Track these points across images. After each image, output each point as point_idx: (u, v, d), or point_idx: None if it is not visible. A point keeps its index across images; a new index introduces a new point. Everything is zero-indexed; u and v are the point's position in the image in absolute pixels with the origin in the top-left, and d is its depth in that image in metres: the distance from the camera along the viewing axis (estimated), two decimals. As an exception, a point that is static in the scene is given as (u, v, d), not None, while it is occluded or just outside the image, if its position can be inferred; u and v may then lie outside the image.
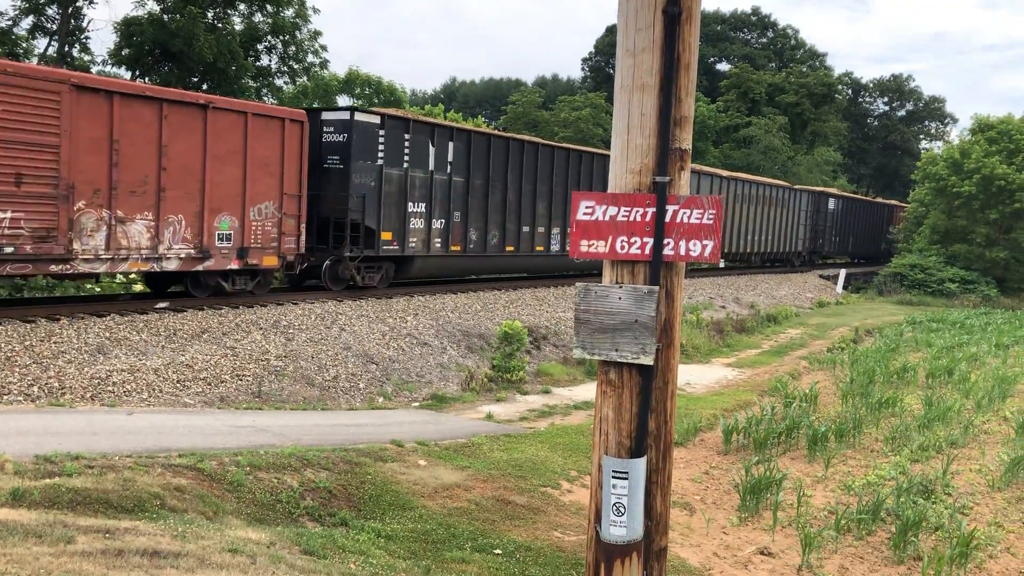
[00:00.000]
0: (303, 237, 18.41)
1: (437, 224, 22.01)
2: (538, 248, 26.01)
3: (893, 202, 63.65)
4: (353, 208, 19.49)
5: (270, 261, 17.76)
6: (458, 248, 22.86)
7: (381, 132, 20.09)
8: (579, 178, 27.61)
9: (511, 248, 24.83)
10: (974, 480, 11.63)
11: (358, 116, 19.66)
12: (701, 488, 11.90)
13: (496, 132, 27.19)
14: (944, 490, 11.17)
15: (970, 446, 13.26)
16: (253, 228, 17.29)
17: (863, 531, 10.18)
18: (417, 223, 21.38)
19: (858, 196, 57.00)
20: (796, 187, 45.67)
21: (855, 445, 13.49)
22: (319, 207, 19.51)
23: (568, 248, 24.74)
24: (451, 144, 22.34)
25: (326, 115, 19.98)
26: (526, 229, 25.41)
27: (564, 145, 28.81)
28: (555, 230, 26.70)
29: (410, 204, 21.09)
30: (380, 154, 20.09)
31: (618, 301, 3.77)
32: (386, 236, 20.52)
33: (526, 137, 27.63)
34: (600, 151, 30.13)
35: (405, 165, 20.86)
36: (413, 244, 21.32)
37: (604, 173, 26.05)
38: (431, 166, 21.69)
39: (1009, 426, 14.27)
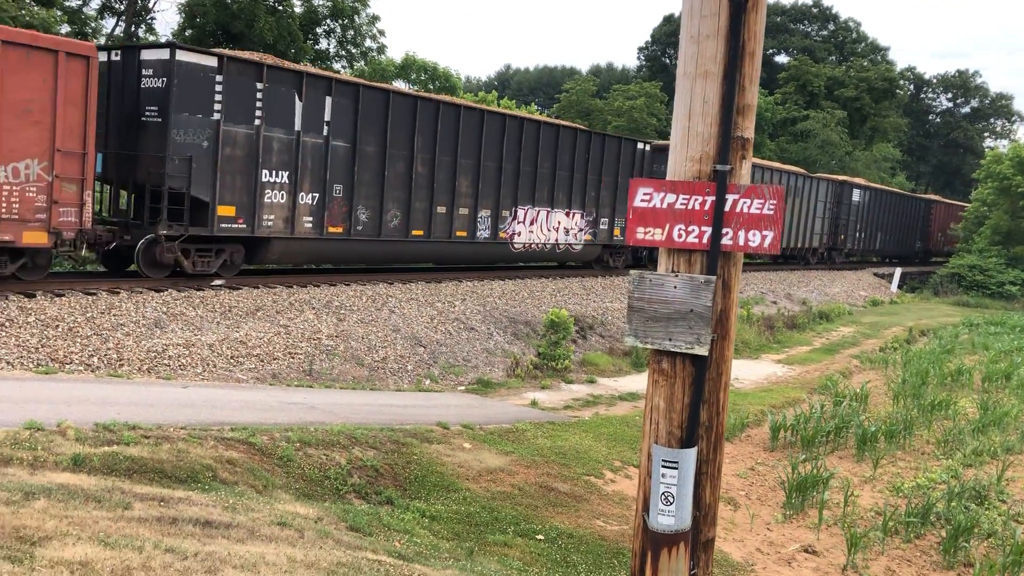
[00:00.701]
0: (89, 208, 14.37)
1: (307, 199, 17.79)
2: (459, 233, 21.66)
3: (930, 196, 59.83)
4: (172, 173, 15.33)
5: (34, 238, 13.74)
6: (339, 229, 18.59)
7: (218, 78, 15.89)
8: (521, 152, 23.27)
9: (419, 232, 20.47)
10: (1029, 487, 11.37)
11: (181, 55, 15.41)
12: (746, 484, 11.81)
13: (402, 90, 23.02)
14: (998, 496, 10.93)
15: (1026, 452, 12.96)
16: (3, 194, 13.35)
17: (911, 534, 10.02)
18: (276, 197, 17.16)
19: (888, 188, 51.11)
20: (813, 175, 40.79)
21: (905, 447, 13.26)
22: (135, 172, 15.84)
23: (501, 234, 22.93)
24: (329, 100, 17.96)
25: (145, 54, 15.78)
26: (441, 210, 20.98)
27: (497, 110, 25.46)
28: (483, 212, 22.33)
29: (265, 172, 16.88)
30: (217, 106, 15.90)
31: (673, 290, 3.75)
32: (225, 211, 16.32)
33: (443, 97, 24.02)
34: (551, 120, 27.22)
35: (257, 122, 16.64)
36: (269, 222, 17.12)
37: (561, 148, 24.72)
38: (298, 126, 17.41)
39: (1068, 434, 13.90)
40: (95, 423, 8.31)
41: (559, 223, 25.09)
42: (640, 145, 28.16)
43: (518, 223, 23.55)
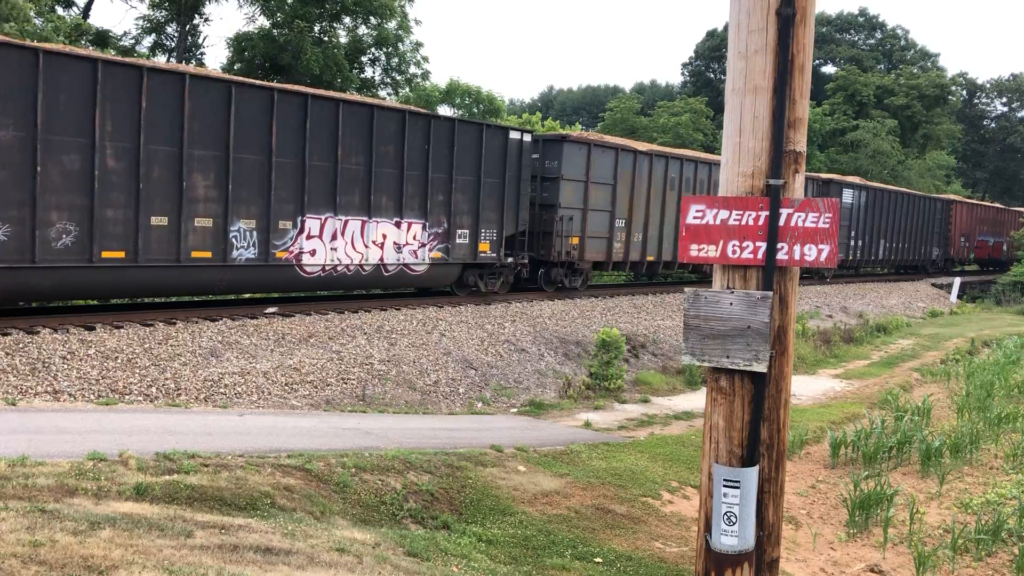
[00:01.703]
0: None
1: None
2: (197, 254, 15.57)
3: (950, 196, 53.21)
4: None
5: None
6: None
7: None
8: (308, 142, 17.05)
9: (116, 253, 14.50)
10: (1105, 501, 10.94)
11: None
12: (807, 502, 11.57)
13: (65, 48, 15.22)
14: (1072, 511, 10.54)
15: (1100, 465, 12.50)
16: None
17: (982, 552, 9.70)
18: None
19: (892, 187, 44.41)
20: None
21: (972, 462, 12.88)
22: None
23: (279, 253, 16.63)
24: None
25: None
26: (159, 221, 14.94)
27: (261, 83, 17.46)
28: (242, 223, 16.17)
29: None
30: None
31: (729, 307, 3.71)
32: None
33: (147, 63, 15.79)
34: (364, 100, 20.32)
35: None
36: None
37: (382, 137, 18.25)
38: None
39: None
40: (156, 452, 8.46)
41: (384, 236, 18.62)
42: (515, 135, 21.72)
43: (309, 238, 17.22)
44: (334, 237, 17.71)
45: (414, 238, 19.38)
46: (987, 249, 53.92)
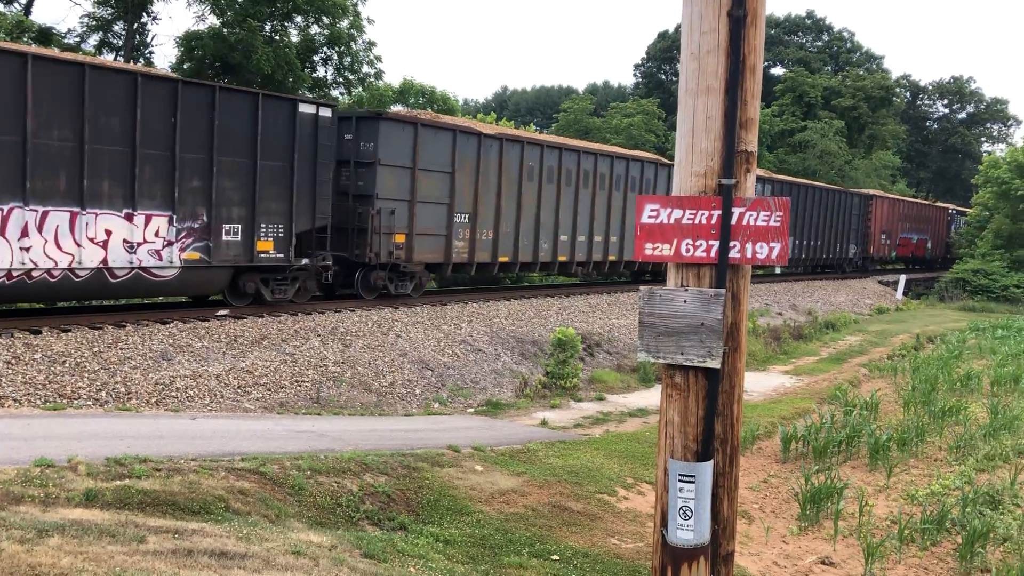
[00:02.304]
0: None
1: None
2: None
3: (870, 191, 49.13)
4: None
5: None
6: None
7: None
8: None
9: None
10: (1044, 491, 11.29)
11: None
12: (760, 496, 11.75)
13: None
14: (1012, 500, 10.86)
15: (1039, 456, 12.88)
16: None
17: (927, 541, 9.95)
18: None
19: (804, 181, 42.14)
20: (671, 163, 30.90)
21: (918, 454, 13.20)
22: None
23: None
24: None
25: None
26: None
27: None
28: None
29: None
30: None
31: (683, 304, 3.76)
32: None
33: None
34: (65, 56, 15.54)
35: None
36: None
37: (99, 105, 14.36)
38: None
39: (1081, 436, 13.82)
40: (106, 458, 8.31)
41: (109, 233, 14.68)
42: (307, 108, 17.72)
43: None
44: (24, 234, 13.65)
45: (156, 235, 15.29)
46: (910, 247, 51.61)
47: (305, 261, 18.05)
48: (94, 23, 33.84)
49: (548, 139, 26.96)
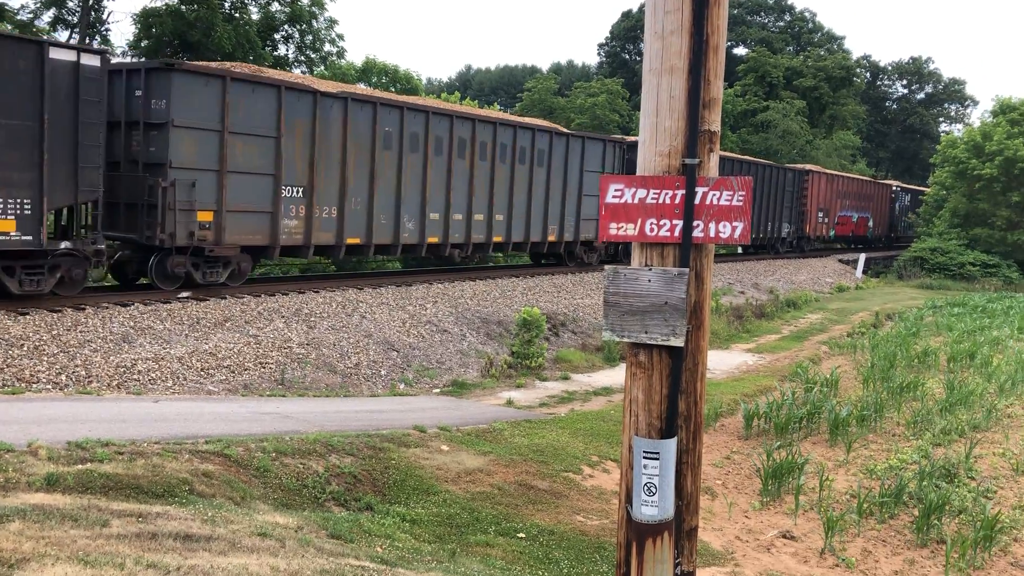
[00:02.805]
0: None
1: None
2: None
3: (806, 166, 45.85)
4: None
5: None
6: None
7: None
8: None
9: None
10: (997, 464, 11.59)
11: None
12: (722, 473, 11.93)
13: None
14: (967, 474, 11.14)
15: (993, 430, 13.20)
16: None
17: (885, 514, 10.18)
18: None
19: (727, 154, 38.92)
20: (569, 132, 28.22)
21: (877, 429, 13.46)
22: None
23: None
24: None
25: None
26: None
27: None
28: None
29: None
30: None
31: (648, 283, 3.79)
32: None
33: None
34: None
35: None
36: None
37: None
38: None
39: (1033, 410, 14.18)
40: (67, 442, 8.20)
41: None
42: (62, 54, 14.31)
43: None
44: None
45: None
46: (850, 225, 48.75)
47: (66, 245, 14.94)
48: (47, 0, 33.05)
49: (411, 100, 23.22)
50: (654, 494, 3.74)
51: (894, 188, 56.74)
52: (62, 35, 34.24)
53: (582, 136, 28.06)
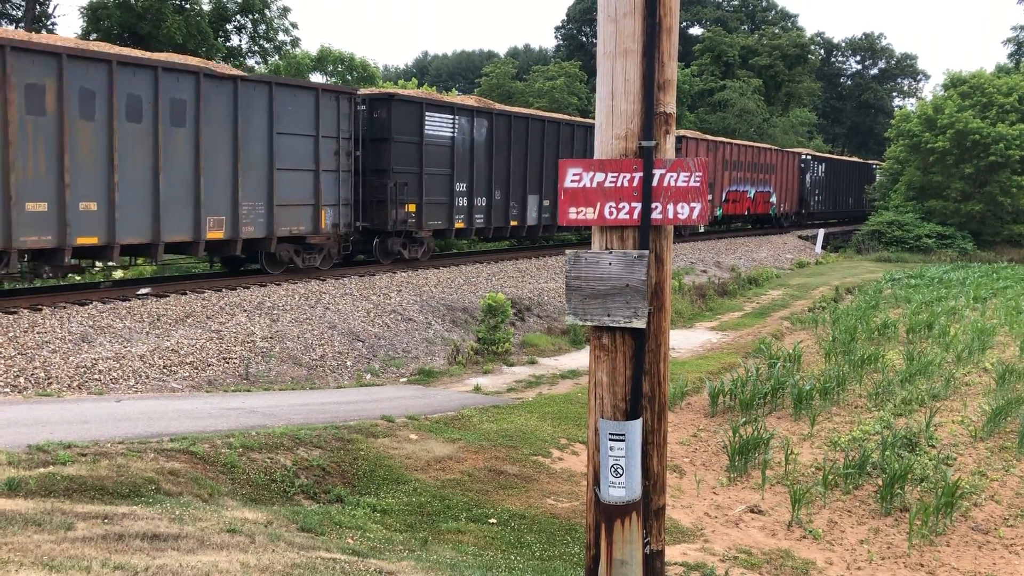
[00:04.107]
0: None
1: None
2: None
3: (681, 132, 38.05)
4: None
5: None
6: None
7: None
8: None
9: None
10: (957, 431, 11.84)
11: None
12: (690, 451, 12.05)
13: None
14: (928, 442, 11.37)
15: (952, 398, 13.49)
16: None
17: (850, 485, 10.36)
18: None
19: (541, 113, 30.04)
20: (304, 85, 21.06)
21: (839, 402, 13.68)
22: None
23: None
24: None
25: None
26: None
27: None
28: None
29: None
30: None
31: (608, 267, 3.81)
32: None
33: None
34: None
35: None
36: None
37: None
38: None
39: (990, 377, 14.50)
40: (28, 445, 8.06)
41: None
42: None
43: None
44: None
45: None
46: (746, 203, 41.40)
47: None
48: (-10, -7, 32.24)
49: (124, 53, 16.87)
50: (621, 475, 3.77)
51: (804, 157, 49.11)
52: (8, 28, 33.42)
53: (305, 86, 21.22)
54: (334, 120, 20.20)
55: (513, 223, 26.35)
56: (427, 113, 22.58)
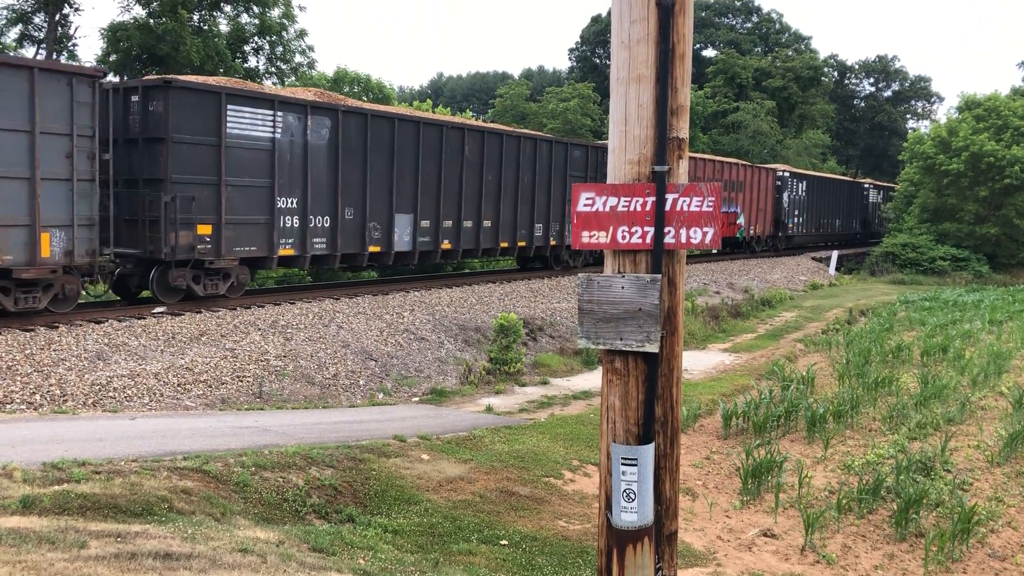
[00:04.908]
0: None
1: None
2: None
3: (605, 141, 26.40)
4: None
5: None
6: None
7: None
8: None
9: None
10: (973, 456, 11.75)
11: None
12: (703, 473, 11.99)
13: None
14: (943, 467, 11.28)
15: (967, 422, 13.38)
16: None
17: (864, 510, 10.28)
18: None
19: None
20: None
21: (853, 425, 13.60)
22: None
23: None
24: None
25: None
26: None
27: None
28: None
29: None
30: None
31: (621, 290, 3.83)
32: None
33: None
34: None
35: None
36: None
37: None
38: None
39: (1006, 401, 14.39)
40: (43, 463, 8.11)
41: None
42: None
43: None
44: None
45: None
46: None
47: None
48: (13, 15, 32.72)
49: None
50: (633, 500, 3.77)
51: (780, 173, 43.70)
52: (28, 51, 33.89)
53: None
54: (64, 111, 14.86)
55: (374, 248, 21.19)
56: (229, 107, 17.56)
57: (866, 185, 57.82)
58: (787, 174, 44.10)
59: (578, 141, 30.87)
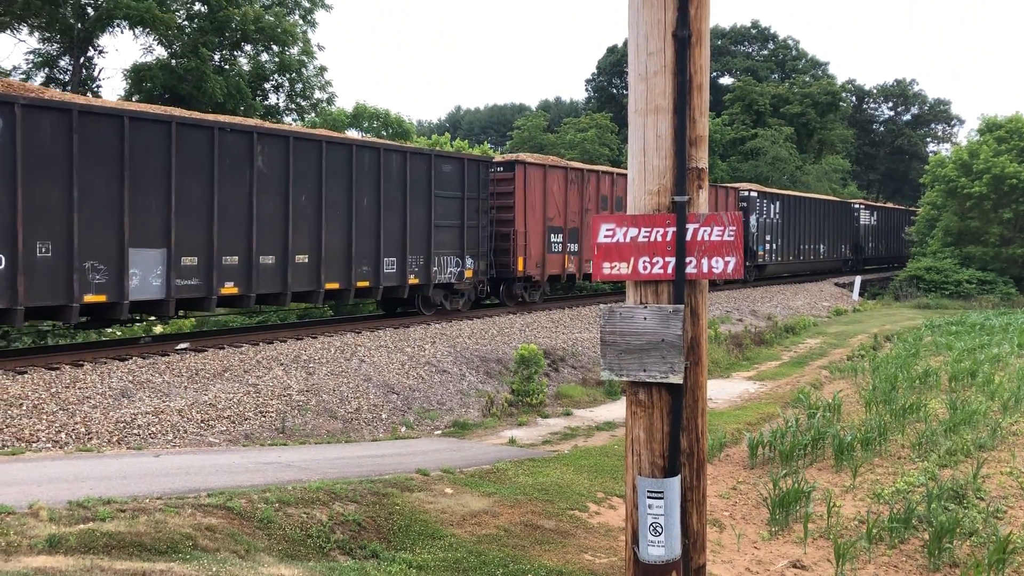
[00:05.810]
0: None
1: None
2: None
3: (516, 156, 26.39)
4: None
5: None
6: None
7: None
8: None
9: None
10: (1006, 483, 11.52)
11: None
12: (729, 504, 11.84)
13: None
14: (976, 494, 11.07)
15: (999, 448, 13.14)
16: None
17: (896, 539, 10.09)
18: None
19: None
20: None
21: (882, 453, 13.39)
22: None
23: None
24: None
25: None
26: None
27: None
28: None
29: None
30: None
31: (643, 321, 3.80)
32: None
33: None
34: None
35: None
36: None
37: None
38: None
39: (1037, 426, 14.13)
40: (68, 501, 8.14)
41: None
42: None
43: None
44: None
45: None
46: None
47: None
48: (39, 59, 33.42)
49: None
50: (660, 534, 3.72)
51: (745, 194, 38.16)
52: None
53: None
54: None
55: (99, 297, 15.09)
56: None
57: (856, 205, 51.97)
58: (754, 194, 38.76)
59: (447, 152, 25.39)
